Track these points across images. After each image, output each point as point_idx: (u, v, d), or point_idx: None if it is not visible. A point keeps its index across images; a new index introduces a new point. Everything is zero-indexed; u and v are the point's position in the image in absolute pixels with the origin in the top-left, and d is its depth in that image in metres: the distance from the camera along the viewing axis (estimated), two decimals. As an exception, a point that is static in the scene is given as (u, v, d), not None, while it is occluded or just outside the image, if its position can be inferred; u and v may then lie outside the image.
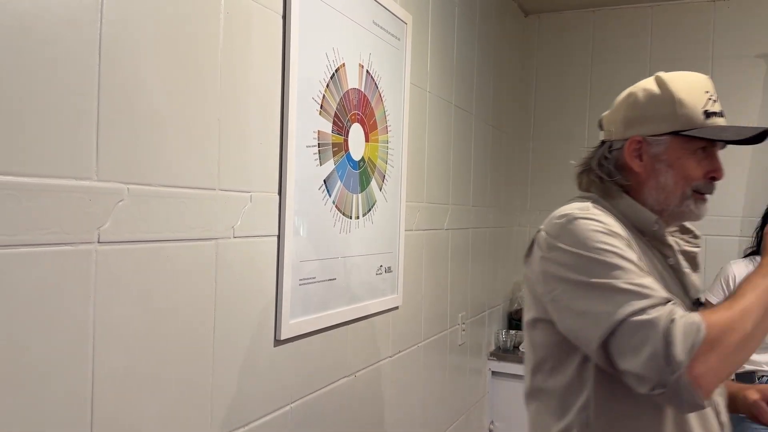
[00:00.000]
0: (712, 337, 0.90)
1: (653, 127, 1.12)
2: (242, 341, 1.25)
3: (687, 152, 1.11)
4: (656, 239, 1.13)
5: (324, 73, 1.45)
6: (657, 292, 0.94)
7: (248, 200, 1.24)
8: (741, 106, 2.91)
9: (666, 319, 0.90)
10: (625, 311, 0.92)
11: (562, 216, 1.05)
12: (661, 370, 0.89)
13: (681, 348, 0.88)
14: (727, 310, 0.95)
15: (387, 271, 1.83)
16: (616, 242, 0.99)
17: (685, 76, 1.14)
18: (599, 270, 0.96)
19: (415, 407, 2.11)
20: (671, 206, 1.13)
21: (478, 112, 2.62)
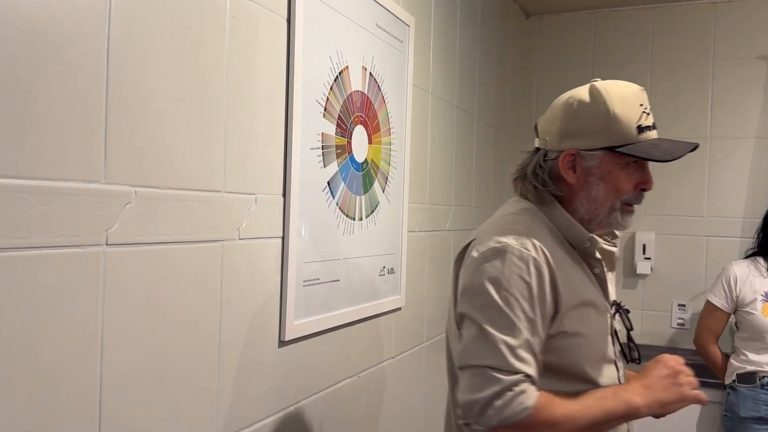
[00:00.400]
0: (529, 424, 1.02)
1: (587, 142, 1.14)
2: (247, 342, 1.26)
3: (618, 166, 1.14)
4: (586, 253, 1.17)
5: (328, 76, 1.46)
6: (519, 362, 1.03)
7: (253, 202, 1.25)
8: (741, 107, 2.92)
9: (503, 386, 1.01)
10: (486, 362, 1.03)
11: (499, 242, 1.10)
12: (474, 417, 1.04)
13: (494, 413, 1.01)
14: (563, 409, 1.05)
15: (390, 272, 1.84)
16: (528, 293, 1.06)
17: (621, 88, 1.15)
18: (493, 317, 1.05)
19: (418, 408, 2.11)
20: (599, 217, 1.16)
21: (480, 113, 2.63)
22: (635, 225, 3.08)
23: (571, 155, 1.15)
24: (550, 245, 1.12)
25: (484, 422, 1.03)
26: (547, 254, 1.10)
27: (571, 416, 1.05)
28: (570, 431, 1.06)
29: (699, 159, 2.99)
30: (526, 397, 1.01)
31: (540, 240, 1.11)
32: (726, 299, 2.48)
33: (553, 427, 1.04)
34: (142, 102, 1.00)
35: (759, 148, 2.90)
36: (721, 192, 2.95)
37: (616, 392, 1.10)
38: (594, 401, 1.08)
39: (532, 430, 1.04)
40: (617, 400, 1.08)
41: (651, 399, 1.09)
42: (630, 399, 1.08)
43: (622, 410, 1.08)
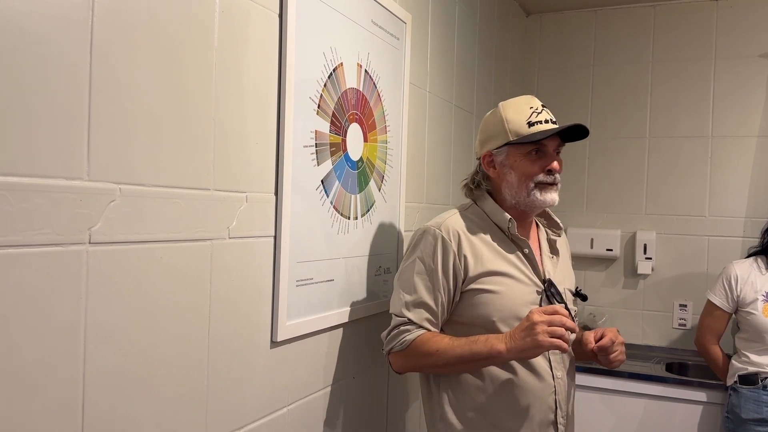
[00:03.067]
0: (409, 353, 1.43)
1: (495, 143, 1.49)
2: (238, 343, 1.24)
3: (521, 155, 1.47)
4: (512, 234, 1.49)
5: (321, 73, 1.43)
6: (408, 311, 1.44)
7: (244, 201, 1.23)
8: (743, 106, 2.89)
9: (394, 325, 1.46)
10: (392, 310, 1.49)
11: (424, 227, 1.50)
12: (383, 346, 1.49)
13: (386, 344, 1.48)
14: (437, 344, 1.40)
15: (386, 272, 1.82)
16: (433, 263, 1.44)
17: (514, 100, 1.51)
18: (403, 278, 1.48)
19: (415, 409, 2.09)
20: (521, 198, 1.48)
21: (479, 112, 2.60)
22: (636, 225, 3.06)
23: (488, 155, 1.52)
24: (471, 229, 1.49)
25: (385, 349, 1.48)
26: (459, 233, 1.46)
27: (443, 350, 1.39)
28: (442, 362, 1.39)
29: (700, 158, 2.96)
30: (408, 334, 1.42)
31: (457, 224, 1.48)
32: (726, 299, 2.45)
33: (429, 357, 1.40)
34: (128, 97, 0.98)
35: (761, 147, 2.87)
36: (723, 191, 2.92)
37: (487, 338, 1.37)
38: (466, 342, 1.38)
39: (413, 358, 1.43)
40: (485, 344, 1.36)
41: (511, 345, 1.32)
42: (494, 344, 1.34)
43: (486, 352, 1.35)
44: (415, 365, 1.46)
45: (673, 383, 2.54)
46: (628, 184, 3.07)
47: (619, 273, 3.09)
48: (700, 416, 2.49)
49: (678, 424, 2.52)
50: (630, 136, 3.08)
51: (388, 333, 1.46)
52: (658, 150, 3.03)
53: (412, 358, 1.43)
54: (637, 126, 3.07)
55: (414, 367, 1.48)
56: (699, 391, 2.50)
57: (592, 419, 2.63)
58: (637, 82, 3.07)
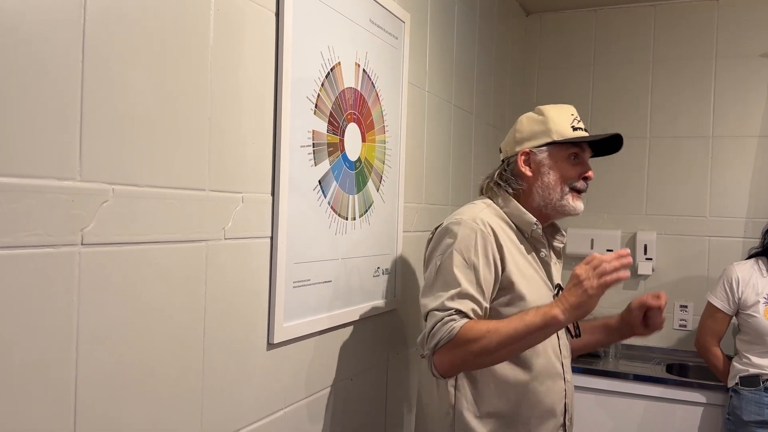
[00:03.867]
0: (457, 342, 1.28)
1: (535, 142, 1.48)
2: (234, 345, 1.22)
3: (562, 157, 1.47)
4: (533, 237, 1.49)
5: (319, 72, 1.42)
6: (453, 302, 1.32)
7: (240, 201, 1.22)
8: (744, 106, 2.88)
9: (438, 318, 1.31)
10: (431, 306, 1.35)
11: (458, 220, 1.42)
12: (422, 347, 1.35)
13: (431, 339, 1.31)
14: (487, 325, 1.28)
15: (384, 273, 1.81)
16: (475, 255, 1.37)
17: (555, 106, 1.52)
18: (442, 272, 1.37)
19: (414, 411, 2.08)
20: (554, 201, 1.48)
21: (478, 112, 2.59)
22: (636, 225, 3.04)
23: (525, 153, 1.49)
24: (498, 226, 1.44)
25: (428, 348, 1.32)
26: (493, 228, 1.41)
27: (494, 329, 1.27)
28: (495, 343, 1.27)
29: (701, 158, 2.95)
30: (455, 323, 1.29)
31: (490, 218, 1.44)
32: (727, 301, 2.44)
33: (479, 341, 1.27)
34: (121, 96, 0.97)
35: (762, 147, 2.85)
36: (724, 192, 2.91)
37: (537, 309, 1.29)
38: (516, 317, 1.29)
39: (462, 347, 1.28)
40: (537, 314, 1.27)
41: (564, 306, 1.24)
42: (547, 310, 1.26)
43: (542, 320, 1.25)
44: (464, 356, 1.30)
45: (674, 385, 2.53)
46: (629, 184, 3.06)
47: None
48: (700, 418, 2.48)
49: (678, 425, 2.50)
50: (630, 136, 3.06)
51: (430, 330, 1.31)
52: (659, 150, 3.01)
53: (461, 348, 1.28)
54: (638, 126, 3.05)
55: (463, 358, 1.30)
56: (699, 392, 2.48)
57: (592, 421, 2.62)
58: (638, 81, 3.06)
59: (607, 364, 2.80)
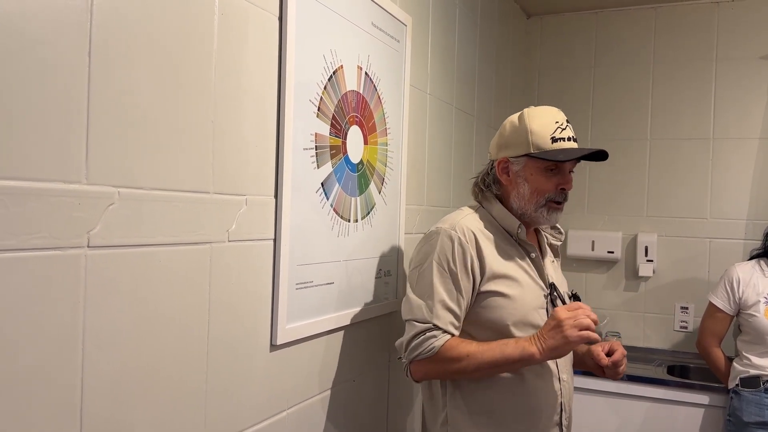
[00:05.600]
0: (436, 359, 1.38)
1: (514, 150, 1.47)
2: (237, 346, 1.23)
3: (539, 170, 1.46)
4: (520, 239, 1.50)
5: (321, 75, 1.43)
6: (432, 315, 1.39)
7: (243, 204, 1.22)
8: (744, 108, 2.89)
9: (417, 331, 1.40)
10: (409, 316, 1.43)
11: (437, 228, 1.47)
12: (401, 353, 1.45)
13: (410, 352, 1.41)
14: (467, 348, 1.37)
15: (387, 275, 1.81)
16: (452, 265, 1.41)
17: (541, 110, 1.48)
18: (422, 283, 1.43)
19: (416, 412, 2.08)
20: (528, 211, 1.49)
21: (480, 114, 2.60)
22: (637, 227, 3.05)
23: (504, 162, 1.50)
24: (482, 230, 1.47)
25: (406, 357, 1.42)
26: (474, 234, 1.44)
27: (473, 355, 1.36)
28: (472, 367, 1.36)
29: (702, 160, 2.95)
30: (435, 340, 1.37)
31: (471, 225, 1.46)
32: (729, 301, 2.44)
33: (457, 363, 1.36)
34: (127, 100, 0.97)
35: (763, 149, 2.86)
36: (724, 193, 2.91)
37: (517, 341, 1.36)
38: (496, 345, 1.37)
39: (440, 364, 1.38)
40: (516, 346, 1.35)
41: (542, 346, 1.32)
42: (526, 347, 1.34)
43: (518, 354, 1.34)
44: (440, 371, 1.41)
45: (675, 386, 2.53)
46: (629, 186, 3.07)
47: (620, 275, 3.08)
48: (701, 419, 2.48)
49: (680, 427, 2.51)
50: (631, 138, 3.07)
51: (410, 340, 1.40)
52: (659, 152, 3.02)
53: (439, 364, 1.39)
54: (638, 128, 3.06)
55: (439, 373, 1.43)
56: (701, 394, 2.49)
57: (594, 422, 2.62)
58: (638, 83, 3.07)
59: (609, 365, 2.80)
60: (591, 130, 3.15)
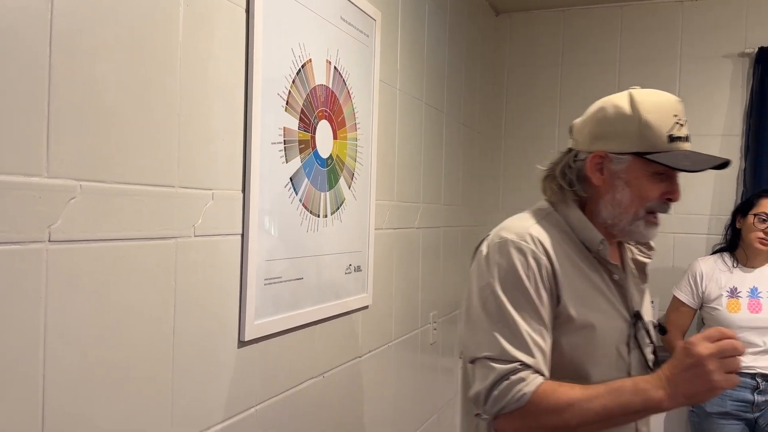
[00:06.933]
0: (529, 411, 1.04)
1: (617, 145, 1.15)
2: (204, 343, 1.22)
3: (646, 173, 1.14)
4: (600, 257, 1.18)
5: (290, 69, 1.42)
6: (518, 351, 1.06)
7: (210, 198, 1.21)
8: (708, 106, 2.96)
9: (500, 374, 1.05)
10: (483, 353, 1.08)
11: (502, 238, 1.15)
12: (479, 406, 1.09)
13: (492, 403, 1.05)
14: (570, 396, 1.04)
15: (356, 270, 1.81)
16: (529, 285, 1.10)
17: (657, 96, 1.15)
18: (493, 310, 1.10)
19: (386, 407, 2.09)
20: (623, 223, 1.17)
21: (449, 110, 2.61)
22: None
23: (599, 157, 1.16)
24: (556, 242, 1.15)
25: (488, 411, 1.07)
26: (546, 246, 1.13)
27: (578, 404, 1.02)
28: (576, 420, 1.02)
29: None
30: (525, 384, 1.03)
31: (542, 235, 1.15)
32: (692, 295, 2.50)
33: (559, 414, 1.02)
34: (89, 92, 0.96)
35: (725, 146, 2.93)
36: (688, 189, 2.95)
37: (635, 384, 1.02)
38: (607, 391, 1.03)
39: (533, 417, 1.04)
40: (636, 392, 1.01)
41: (674, 391, 1.00)
42: (650, 391, 1.00)
43: (641, 403, 1.01)
44: (536, 428, 1.05)
45: (640, 378, 2.58)
46: (596, 182, 3.11)
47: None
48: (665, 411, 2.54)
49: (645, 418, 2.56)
50: (598, 135, 3.12)
51: (491, 387, 1.05)
52: (626, 149, 3.07)
53: (532, 418, 1.04)
54: (605, 125, 3.11)
55: (534, 430, 1.06)
56: (665, 385, 2.54)
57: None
58: (605, 81, 3.12)
59: (576, 358, 2.85)
60: (559, 127, 3.19)
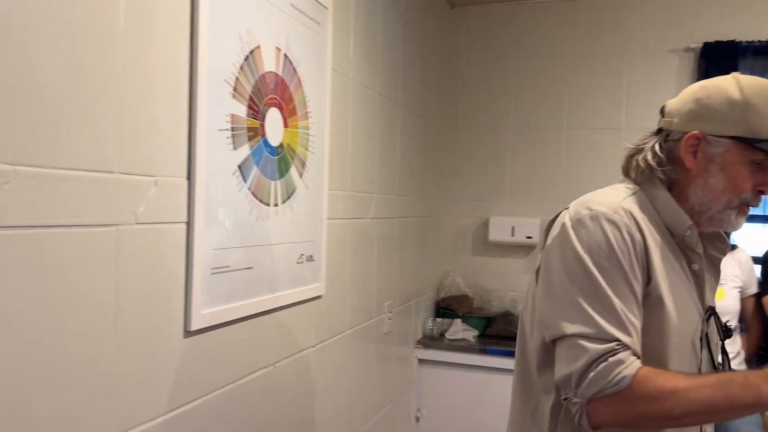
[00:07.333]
0: (628, 396, 0.97)
1: (717, 127, 1.09)
2: (149, 332, 1.19)
3: (744, 161, 1.09)
4: (684, 243, 1.13)
5: (237, 55, 1.40)
6: (615, 329, 0.99)
7: (153, 185, 1.18)
8: (654, 99, 3.04)
9: (597, 354, 0.98)
10: (575, 330, 1.01)
11: (592, 210, 1.07)
12: (570, 389, 1.01)
13: (588, 385, 0.98)
14: (674, 383, 0.97)
15: (309, 260, 1.80)
16: (623, 260, 1.03)
17: (764, 83, 1.10)
18: (585, 285, 1.03)
19: (341, 396, 2.09)
20: (713, 211, 1.12)
21: (404, 102, 2.62)
22: (554, 213, 3.15)
23: (696, 138, 1.10)
24: (644, 223, 1.09)
25: (581, 395, 0.99)
26: (639, 223, 1.07)
27: (683, 393, 0.96)
28: (680, 410, 0.96)
29: (614, 149, 3.09)
30: (624, 367, 0.97)
31: (634, 210, 1.09)
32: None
33: (659, 402, 0.96)
34: (23, 75, 0.92)
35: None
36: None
37: (746, 377, 0.96)
38: (716, 382, 0.97)
39: (632, 404, 0.98)
40: (746, 385, 0.95)
41: None
42: (762, 386, 0.95)
43: (752, 398, 0.95)
44: (633, 415, 0.99)
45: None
46: (547, 174, 3.18)
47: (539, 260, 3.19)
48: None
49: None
50: (548, 128, 3.18)
51: (586, 368, 0.99)
52: (576, 141, 3.14)
53: (631, 404, 0.98)
54: (556, 118, 3.17)
55: (631, 417, 1.00)
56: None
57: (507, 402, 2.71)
58: (557, 75, 3.17)
59: (528, 346, 2.91)
60: (511, 119, 3.23)
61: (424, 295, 3.08)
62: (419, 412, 2.94)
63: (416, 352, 2.94)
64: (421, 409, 2.94)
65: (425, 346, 2.94)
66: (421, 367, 2.94)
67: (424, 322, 3.04)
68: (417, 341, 2.96)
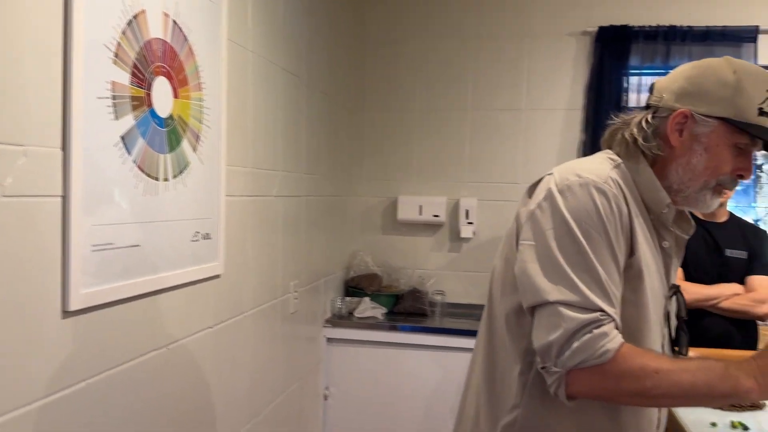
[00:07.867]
0: (611, 370, 0.97)
1: (706, 107, 1.10)
2: (20, 313, 1.11)
3: (728, 143, 1.10)
4: (659, 221, 1.15)
5: (119, 18, 1.31)
6: (599, 299, 0.99)
7: (22, 155, 1.09)
8: (553, 80, 3.15)
9: (581, 324, 0.97)
10: (558, 297, 1.00)
11: (582, 178, 1.07)
12: (549, 358, 1.00)
13: (571, 355, 0.97)
14: (657, 363, 0.98)
15: (205, 238, 1.74)
16: (610, 230, 1.03)
17: (754, 68, 1.13)
18: (571, 252, 1.02)
19: (242, 378, 2.05)
20: (690, 190, 1.14)
21: (309, 78, 2.57)
22: (459, 192, 3.23)
23: (684, 116, 1.11)
24: (629, 194, 1.10)
25: (561, 364, 0.98)
26: (626, 194, 1.08)
27: (665, 374, 0.96)
28: (660, 391, 0.97)
29: (515, 130, 3.19)
30: (608, 339, 0.97)
31: (620, 182, 1.09)
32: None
33: (640, 381, 0.96)
34: None
35: (568, 119, 3.15)
36: (534, 160, 3.18)
37: (726, 366, 0.98)
38: (697, 368, 0.98)
39: (614, 378, 0.97)
40: (725, 376, 0.96)
41: (765, 382, 0.96)
42: (740, 378, 0.96)
43: (729, 389, 0.97)
44: (612, 389, 0.99)
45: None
46: (452, 153, 3.24)
47: (445, 237, 3.26)
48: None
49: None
50: (453, 109, 3.23)
51: (570, 337, 0.97)
52: (479, 122, 3.21)
53: (613, 379, 0.98)
54: (460, 99, 3.23)
55: (609, 391, 1.00)
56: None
57: (421, 375, 2.77)
58: (461, 56, 3.22)
59: (434, 321, 2.99)
60: (417, 99, 3.26)
61: (333, 275, 3.07)
62: (327, 390, 2.94)
63: (324, 331, 2.93)
64: (330, 388, 2.95)
65: (333, 324, 2.94)
66: (330, 345, 2.93)
67: (332, 301, 3.03)
68: (325, 320, 2.95)
